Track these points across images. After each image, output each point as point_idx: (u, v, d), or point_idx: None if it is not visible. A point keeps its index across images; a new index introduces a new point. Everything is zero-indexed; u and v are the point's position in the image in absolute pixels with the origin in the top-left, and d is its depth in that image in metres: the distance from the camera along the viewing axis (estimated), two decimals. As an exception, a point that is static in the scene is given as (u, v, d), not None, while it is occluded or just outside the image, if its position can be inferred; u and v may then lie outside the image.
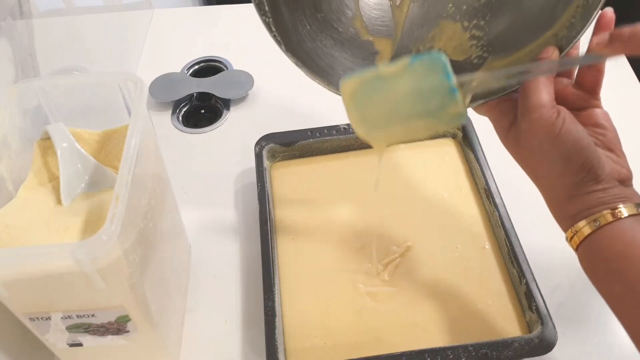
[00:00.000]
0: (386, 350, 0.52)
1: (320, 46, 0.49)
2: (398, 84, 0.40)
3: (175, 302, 0.57)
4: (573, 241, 0.41)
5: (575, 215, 0.40)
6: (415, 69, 0.40)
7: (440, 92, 0.39)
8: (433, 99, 0.39)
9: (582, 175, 0.40)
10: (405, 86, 0.40)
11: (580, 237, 0.40)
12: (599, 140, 0.42)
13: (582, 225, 0.40)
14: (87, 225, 0.44)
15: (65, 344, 0.47)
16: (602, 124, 0.43)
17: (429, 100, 0.40)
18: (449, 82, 0.38)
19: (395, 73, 0.40)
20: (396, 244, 0.61)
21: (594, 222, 0.39)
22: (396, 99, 0.41)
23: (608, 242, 0.39)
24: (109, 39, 0.82)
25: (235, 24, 0.94)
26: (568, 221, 0.41)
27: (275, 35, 0.44)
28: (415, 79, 0.40)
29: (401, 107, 0.41)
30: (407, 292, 0.57)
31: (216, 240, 0.66)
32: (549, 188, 0.42)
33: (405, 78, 0.40)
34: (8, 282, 0.39)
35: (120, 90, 0.48)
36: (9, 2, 0.55)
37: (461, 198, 0.65)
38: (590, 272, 0.41)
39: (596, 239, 0.39)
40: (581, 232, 0.40)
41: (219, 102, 0.82)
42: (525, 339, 0.51)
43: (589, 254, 0.40)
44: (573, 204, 0.40)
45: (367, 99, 0.42)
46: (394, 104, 0.41)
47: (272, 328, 0.52)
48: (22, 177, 0.47)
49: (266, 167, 0.66)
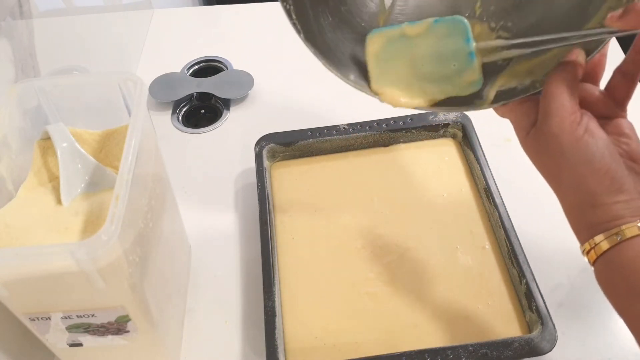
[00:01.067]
0: (386, 350, 0.52)
1: (341, 38, 0.48)
2: (420, 44, 0.41)
3: (175, 302, 0.57)
4: (590, 255, 0.39)
5: (596, 225, 0.38)
6: (437, 30, 0.40)
7: (459, 56, 0.40)
8: (451, 62, 0.40)
9: (606, 184, 0.38)
10: (426, 47, 0.41)
11: (598, 252, 0.38)
12: (623, 150, 0.41)
13: (601, 239, 0.38)
14: (87, 225, 0.44)
15: (65, 344, 0.47)
16: (627, 133, 0.41)
17: (447, 63, 0.40)
18: (469, 45, 0.39)
19: (419, 33, 0.41)
20: (396, 244, 0.61)
21: (616, 236, 0.37)
22: (416, 59, 0.41)
23: (630, 257, 0.37)
24: (109, 39, 0.82)
25: (235, 24, 0.94)
26: (588, 231, 0.39)
27: (295, 23, 0.43)
28: (436, 40, 0.41)
29: (420, 67, 0.42)
30: (407, 292, 0.57)
31: (216, 240, 0.66)
32: (571, 195, 0.40)
33: (428, 39, 0.41)
34: (8, 282, 0.39)
35: (120, 90, 0.48)
36: (9, 2, 0.55)
37: (461, 198, 0.65)
38: (608, 288, 0.39)
39: (617, 254, 0.37)
40: (599, 246, 0.38)
41: (219, 102, 0.82)
42: (525, 339, 0.51)
43: (607, 269, 0.38)
44: (594, 214, 0.38)
45: (389, 56, 0.42)
46: (413, 63, 0.42)
47: (272, 328, 0.52)
48: (22, 177, 0.47)
49: (266, 167, 0.66)
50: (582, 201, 0.39)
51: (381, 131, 0.68)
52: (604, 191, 0.38)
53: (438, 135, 0.70)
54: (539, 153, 0.42)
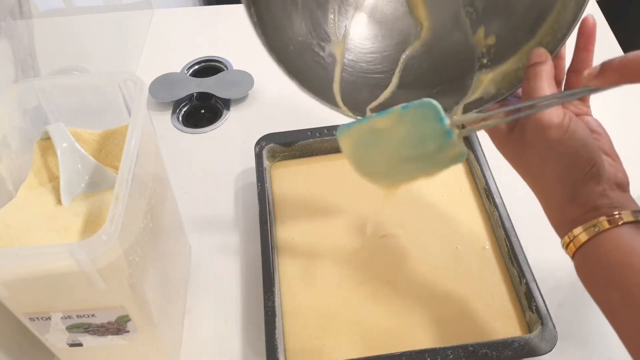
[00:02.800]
0: (386, 350, 0.52)
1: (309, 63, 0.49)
2: (393, 132, 0.40)
3: (175, 302, 0.57)
4: (569, 248, 0.40)
5: (573, 219, 0.40)
6: (407, 117, 0.39)
7: (436, 136, 0.38)
8: (430, 143, 0.39)
9: (587, 170, 0.39)
10: (400, 134, 0.40)
11: (577, 244, 0.40)
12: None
13: (579, 231, 0.39)
14: (87, 225, 0.44)
15: (65, 344, 0.47)
16: (596, 129, 0.43)
17: (425, 145, 0.39)
18: (443, 125, 0.38)
19: (388, 124, 0.40)
20: (396, 244, 0.61)
21: (593, 228, 0.39)
22: (393, 147, 0.41)
23: (606, 249, 0.38)
24: (109, 39, 0.82)
25: (235, 24, 0.94)
26: (566, 227, 0.40)
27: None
28: (409, 127, 0.39)
29: (399, 154, 0.41)
30: (407, 292, 0.57)
31: (216, 240, 0.66)
32: (550, 190, 0.42)
33: (400, 127, 0.39)
34: (8, 282, 0.39)
35: (120, 90, 0.48)
36: (9, 2, 0.55)
37: (461, 198, 0.65)
38: (587, 279, 0.40)
39: (594, 246, 0.39)
40: (578, 238, 0.39)
41: (219, 102, 0.82)
42: (525, 339, 0.51)
43: (585, 261, 0.40)
44: (572, 207, 0.40)
45: (364, 150, 0.42)
46: (391, 152, 0.41)
47: (272, 328, 0.52)
48: (22, 177, 0.47)
49: (266, 167, 0.66)
50: (563, 194, 0.40)
51: (381, 131, 0.68)
52: (585, 180, 0.39)
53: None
54: (522, 152, 0.42)
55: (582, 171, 0.39)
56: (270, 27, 0.45)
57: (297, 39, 0.48)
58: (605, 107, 0.50)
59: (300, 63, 0.47)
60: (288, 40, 0.47)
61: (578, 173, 0.39)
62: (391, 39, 0.52)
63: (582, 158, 0.39)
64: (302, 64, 0.47)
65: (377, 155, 0.42)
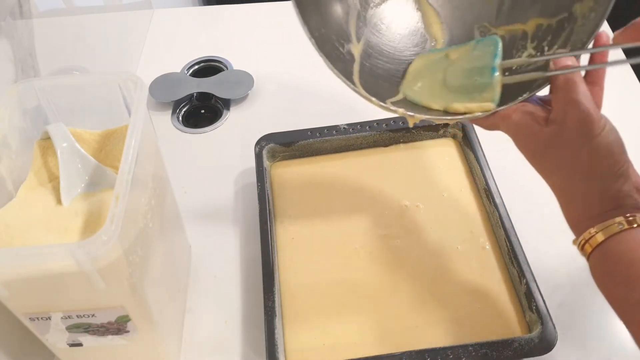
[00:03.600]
0: (386, 350, 0.52)
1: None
2: (457, 62, 0.44)
3: (175, 302, 0.57)
4: (585, 247, 0.40)
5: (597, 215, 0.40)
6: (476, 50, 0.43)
7: (484, 71, 0.42)
8: (475, 76, 0.42)
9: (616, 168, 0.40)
10: (460, 64, 0.44)
11: (593, 244, 0.39)
12: None
13: (598, 230, 0.39)
14: (87, 225, 0.44)
15: (65, 344, 0.47)
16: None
17: (472, 77, 0.43)
18: (494, 61, 0.41)
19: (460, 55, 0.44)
20: (395, 244, 0.61)
21: (617, 226, 0.38)
22: (448, 73, 0.44)
23: (631, 246, 0.38)
24: (109, 39, 0.82)
25: (235, 24, 0.94)
26: (587, 223, 0.40)
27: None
28: (471, 58, 0.43)
29: (450, 82, 0.44)
30: (406, 292, 0.57)
31: (216, 240, 0.66)
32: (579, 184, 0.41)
33: (465, 57, 0.44)
34: (8, 282, 0.39)
35: (120, 90, 0.48)
36: (9, 2, 0.55)
37: (461, 198, 0.65)
38: (604, 279, 0.40)
39: (615, 243, 0.38)
40: (595, 238, 0.39)
41: (219, 102, 0.82)
42: (525, 339, 0.51)
43: (603, 260, 0.39)
44: (599, 202, 0.40)
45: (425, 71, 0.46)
46: (444, 78, 0.45)
47: (272, 328, 0.52)
48: (22, 177, 0.47)
49: (266, 167, 0.66)
50: (591, 189, 0.40)
51: (381, 131, 0.68)
52: (615, 177, 0.40)
53: (438, 135, 0.70)
54: (555, 146, 0.42)
55: (612, 167, 0.40)
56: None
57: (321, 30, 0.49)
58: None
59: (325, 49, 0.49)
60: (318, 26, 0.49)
61: (609, 169, 0.40)
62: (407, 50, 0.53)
63: (615, 155, 0.40)
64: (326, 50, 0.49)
65: (432, 78, 0.46)
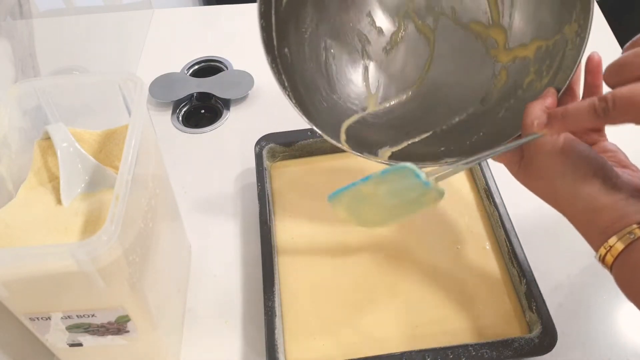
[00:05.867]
0: (386, 350, 0.52)
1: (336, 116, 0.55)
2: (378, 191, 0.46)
3: (175, 302, 0.57)
4: (607, 259, 0.39)
5: (605, 228, 0.39)
6: (387, 178, 0.44)
7: (416, 187, 0.43)
8: (412, 193, 0.44)
9: (597, 184, 0.39)
10: (384, 190, 0.45)
11: (614, 254, 0.39)
12: (612, 161, 0.43)
13: (615, 240, 0.38)
14: (87, 225, 0.44)
15: (65, 344, 0.47)
16: (611, 149, 0.45)
17: (408, 194, 0.44)
18: (420, 180, 0.43)
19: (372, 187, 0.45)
20: (395, 244, 0.61)
21: (629, 235, 0.38)
22: (380, 201, 0.46)
23: None
24: (109, 39, 0.82)
25: (235, 24, 0.94)
26: (600, 237, 0.40)
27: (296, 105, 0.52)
28: (390, 185, 0.45)
29: (386, 204, 0.47)
30: (406, 292, 0.57)
31: (216, 240, 0.66)
32: (572, 206, 0.41)
33: (383, 186, 0.45)
34: (8, 282, 0.39)
35: (120, 90, 0.48)
36: (9, 2, 0.55)
37: (461, 198, 0.65)
38: (632, 288, 0.39)
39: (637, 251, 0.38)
40: (615, 247, 0.39)
41: (219, 102, 0.82)
42: (525, 339, 0.51)
43: (627, 269, 0.39)
44: (600, 216, 0.39)
45: (355, 208, 0.48)
46: (380, 205, 0.47)
47: (272, 328, 0.52)
48: (22, 177, 0.47)
49: (266, 167, 0.66)
50: (584, 208, 0.40)
51: (381, 131, 0.68)
52: (600, 191, 0.39)
53: (438, 135, 0.70)
54: (532, 178, 0.44)
55: (593, 185, 0.39)
56: None
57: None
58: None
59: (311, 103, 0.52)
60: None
61: (590, 189, 0.40)
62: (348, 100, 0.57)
63: (587, 174, 0.40)
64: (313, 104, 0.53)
65: (369, 209, 0.48)
